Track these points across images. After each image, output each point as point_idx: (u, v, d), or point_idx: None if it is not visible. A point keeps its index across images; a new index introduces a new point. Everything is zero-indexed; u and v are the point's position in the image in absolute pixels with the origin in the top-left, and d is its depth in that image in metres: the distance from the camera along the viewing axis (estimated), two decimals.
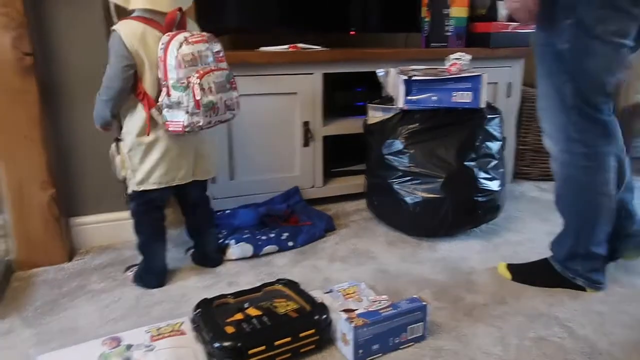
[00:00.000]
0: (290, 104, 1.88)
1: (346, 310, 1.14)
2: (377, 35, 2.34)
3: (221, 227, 1.70)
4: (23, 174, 1.45)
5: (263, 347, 1.05)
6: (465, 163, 1.65)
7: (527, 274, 1.44)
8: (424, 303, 1.15)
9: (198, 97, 1.20)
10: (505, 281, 1.44)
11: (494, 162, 1.71)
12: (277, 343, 1.06)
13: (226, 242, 1.58)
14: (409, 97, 1.68)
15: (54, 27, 1.48)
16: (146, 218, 1.39)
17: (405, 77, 1.67)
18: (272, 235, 1.64)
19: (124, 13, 1.30)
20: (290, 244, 1.65)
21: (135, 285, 1.42)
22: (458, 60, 1.72)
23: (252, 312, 1.14)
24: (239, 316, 1.12)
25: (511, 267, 1.46)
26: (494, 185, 1.68)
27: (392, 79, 1.78)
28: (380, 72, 1.87)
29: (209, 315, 1.13)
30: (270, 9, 2.04)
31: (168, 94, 1.22)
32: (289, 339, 1.07)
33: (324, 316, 1.13)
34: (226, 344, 1.03)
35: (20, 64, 1.38)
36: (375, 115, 1.83)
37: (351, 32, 2.16)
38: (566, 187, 1.32)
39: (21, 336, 1.20)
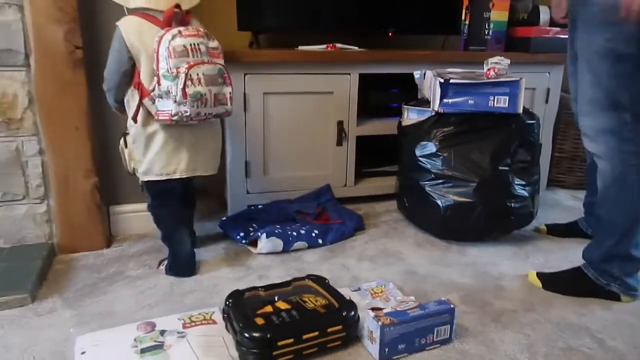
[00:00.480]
0: (326, 103, 1.90)
1: (374, 309, 1.16)
2: (415, 37, 2.34)
3: (253, 221, 1.74)
4: (69, 163, 1.52)
5: (291, 340, 1.07)
6: (500, 168, 1.63)
7: (558, 282, 1.42)
8: (452, 306, 1.15)
9: (181, 86, 1.23)
10: (536, 289, 1.42)
11: (529, 169, 1.69)
12: (305, 336, 1.08)
13: (257, 234, 1.61)
14: (445, 100, 1.68)
15: (103, 22, 1.54)
16: (162, 210, 1.46)
17: (442, 80, 1.67)
18: (303, 231, 1.67)
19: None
20: (320, 241, 1.68)
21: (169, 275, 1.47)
22: (496, 65, 1.70)
23: (282, 305, 1.17)
24: (268, 309, 1.15)
25: (542, 276, 1.45)
26: (527, 191, 1.66)
27: (429, 81, 1.78)
28: (416, 73, 1.87)
29: (240, 307, 1.16)
30: (309, 9, 2.06)
31: (158, 83, 1.26)
32: (316, 333, 1.09)
33: (352, 313, 1.15)
34: (255, 334, 1.06)
35: (72, 57, 1.45)
36: (410, 116, 1.83)
37: (389, 34, 2.17)
38: (614, 187, 1.31)
39: (62, 316, 1.26)
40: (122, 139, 1.42)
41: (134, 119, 1.34)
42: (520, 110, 1.67)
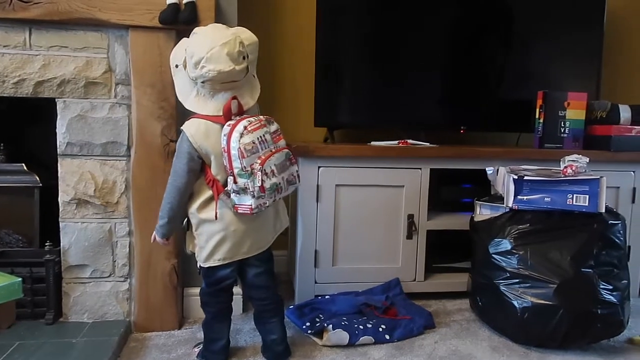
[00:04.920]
0: (397, 196, 1.93)
1: None
2: (487, 133, 2.36)
3: (319, 311, 1.73)
4: (153, 244, 1.62)
5: None
6: (583, 270, 1.54)
7: None
8: None
9: (259, 184, 1.26)
10: None
11: (616, 272, 1.57)
12: None
13: (324, 325, 1.59)
14: (519, 197, 1.65)
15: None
16: (213, 300, 1.45)
17: (515, 177, 1.65)
18: (370, 325, 1.63)
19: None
20: (387, 337, 1.62)
21: None
22: (574, 162, 1.67)
23: None
24: None
25: None
26: (615, 297, 1.53)
27: (502, 178, 1.77)
28: (489, 170, 1.86)
29: None
30: (381, 108, 2.17)
31: (235, 182, 1.29)
32: None
33: None
34: None
35: (166, 149, 1.62)
36: (483, 212, 1.80)
37: (461, 130, 2.21)
38: None
39: None
40: (186, 221, 1.44)
41: (216, 218, 1.34)
42: (602, 210, 1.60)
